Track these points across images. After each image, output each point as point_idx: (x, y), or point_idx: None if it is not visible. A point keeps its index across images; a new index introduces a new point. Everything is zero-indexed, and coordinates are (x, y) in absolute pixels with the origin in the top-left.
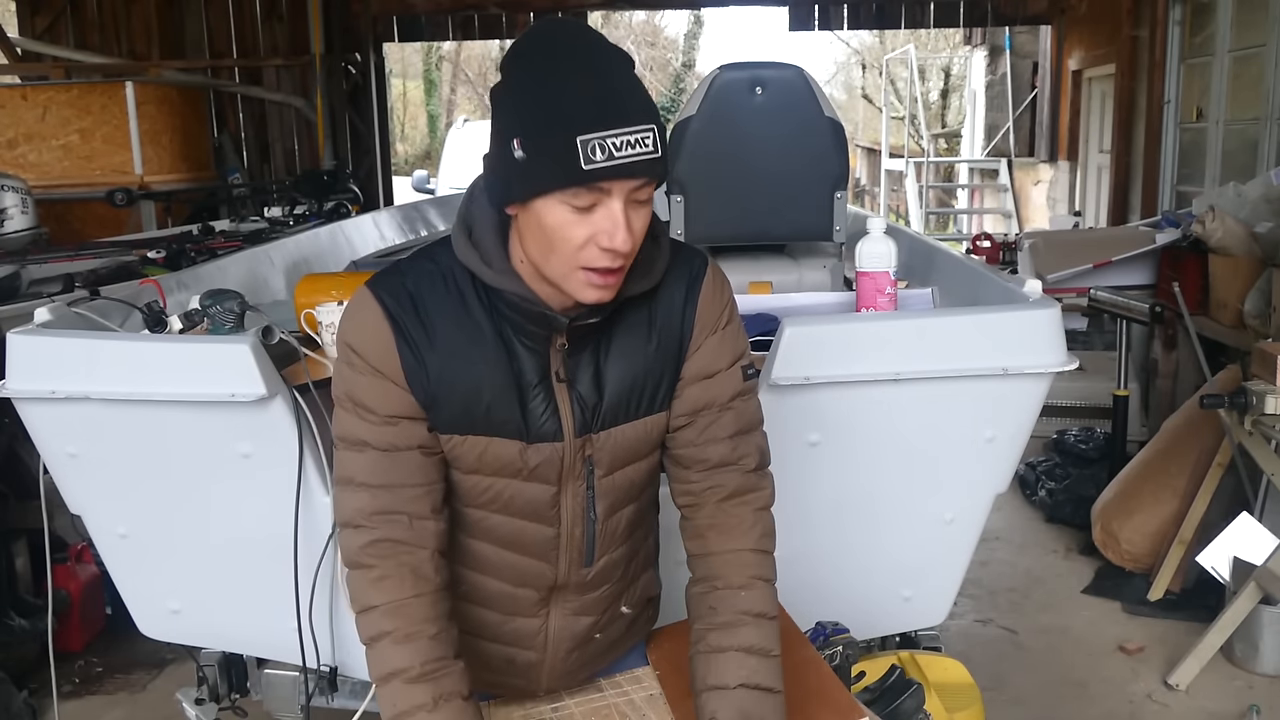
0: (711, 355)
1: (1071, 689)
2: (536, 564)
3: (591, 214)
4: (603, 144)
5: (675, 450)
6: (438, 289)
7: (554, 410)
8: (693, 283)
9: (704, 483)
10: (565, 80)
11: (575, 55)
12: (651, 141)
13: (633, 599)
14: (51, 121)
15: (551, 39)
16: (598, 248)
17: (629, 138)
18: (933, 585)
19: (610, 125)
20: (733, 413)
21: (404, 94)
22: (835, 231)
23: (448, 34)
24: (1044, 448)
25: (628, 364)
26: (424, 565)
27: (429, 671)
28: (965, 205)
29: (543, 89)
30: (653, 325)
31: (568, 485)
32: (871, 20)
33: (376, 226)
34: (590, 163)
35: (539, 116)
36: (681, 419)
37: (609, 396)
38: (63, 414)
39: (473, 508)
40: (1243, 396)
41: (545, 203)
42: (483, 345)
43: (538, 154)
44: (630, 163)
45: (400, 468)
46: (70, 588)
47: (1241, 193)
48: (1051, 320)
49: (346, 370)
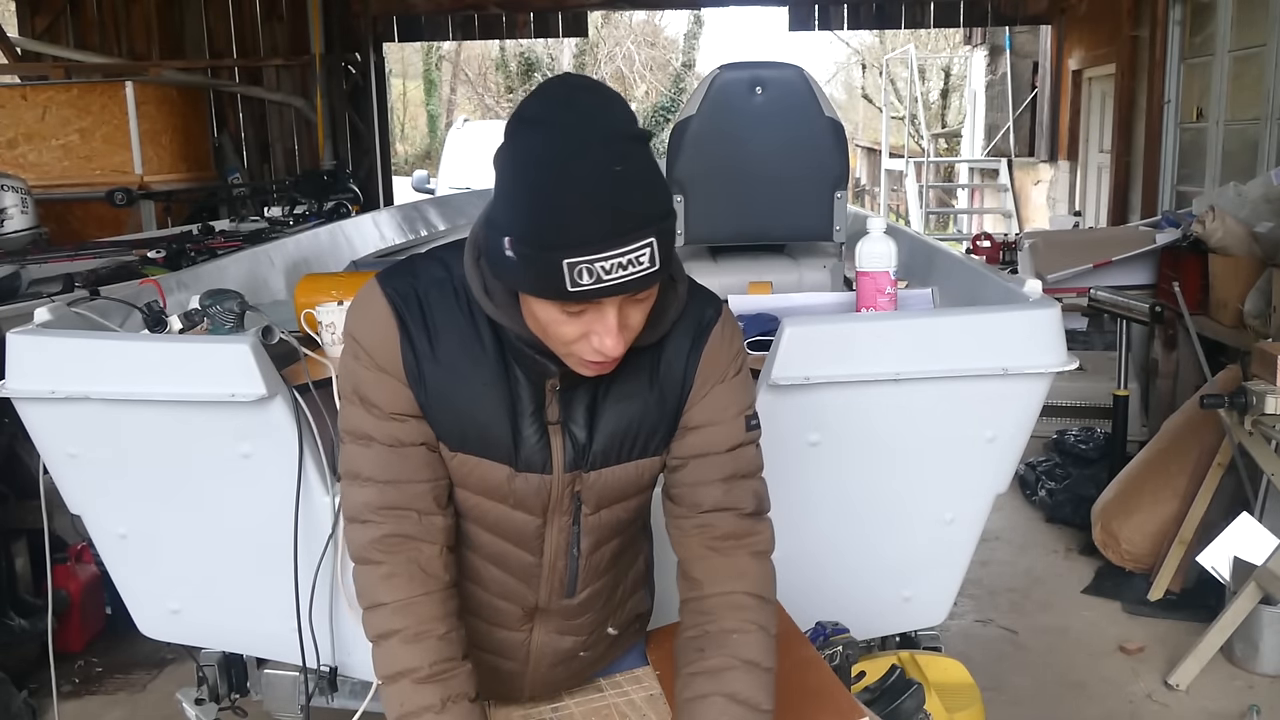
0: (716, 405)
1: (1071, 689)
2: (519, 585)
3: (583, 316)
4: (590, 268)
5: (670, 489)
6: (447, 299)
7: (545, 443)
8: (701, 333)
9: (694, 523)
10: (559, 189)
11: (579, 152)
12: (648, 257)
13: (620, 621)
14: (51, 121)
15: (559, 124)
16: (589, 345)
17: (621, 259)
18: (933, 585)
19: (601, 248)
20: (730, 458)
21: (404, 94)
22: (835, 231)
23: (448, 34)
24: (1044, 448)
25: (625, 407)
26: (433, 562)
27: (438, 673)
28: (965, 205)
29: (536, 195)
30: (655, 371)
31: (553, 519)
32: (871, 20)
33: (376, 226)
34: (576, 285)
35: (529, 227)
36: (677, 461)
37: (602, 439)
38: (63, 414)
39: (462, 519)
40: (1243, 396)
41: (538, 303)
42: (484, 366)
43: (526, 264)
44: (621, 283)
45: (407, 463)
46: (70, 588)
47: (1241, 193)
48: (1051, 320)
49: (352, 363)
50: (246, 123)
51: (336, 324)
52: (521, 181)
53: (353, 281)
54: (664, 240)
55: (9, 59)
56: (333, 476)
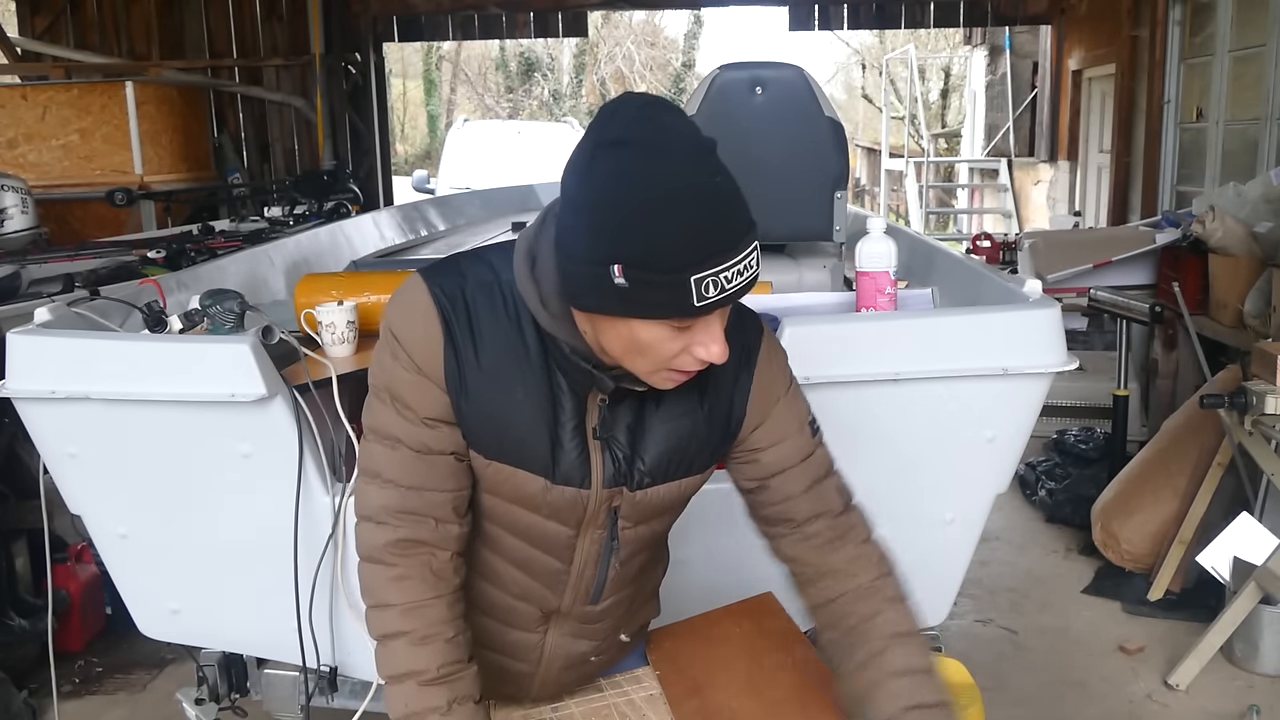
0: (780, 424)
1: (1071, 689)
2: (542, 589)
3: (689, 331)
4: (716, 280)
5: (759, 511)
6: (495, 305)
7: (585, 458)
8: (747, 356)
9: (795, 536)
10: (672, 209)
11: (678, 170)
12: (755, 261)
13: (632, 629)
14: (51, 121)
15: (648, 145)
16: (692, 356)
17: (738, 267)
18: (933, 585)
19: (724, 259)
20: (805, 468)
21: (404, 94)
22: (835, 231)
23: (448, 34)
24: (1044, 448)
25: (673, 428)
26: (444, 567)
27: (444, 675)
28: (965, 205)
29: (648, 218)
30: (704, 391)
31: (588, 531)
32: (871, 20)
33: (376, 226)
34: (703, 299)
35: (646, 250)
36: (755, 483)
37: (649, 459)
38: (63, 414)
39: (489, 522)
40: (1243, 396)
41: (644, 324)
42: (527, 375)
43: (645, 287)
44: (738, 290)
45: (432, 470)
46: (70, 588)
47: (1241, 193)
48: (1051, 320)
49: (389, 361)
50: (246, 123)
51: (336, 324)
52: (623, 207)
53: (353, 281)
54: (759, 243)
55: (9, 59)
56: (333, 476)
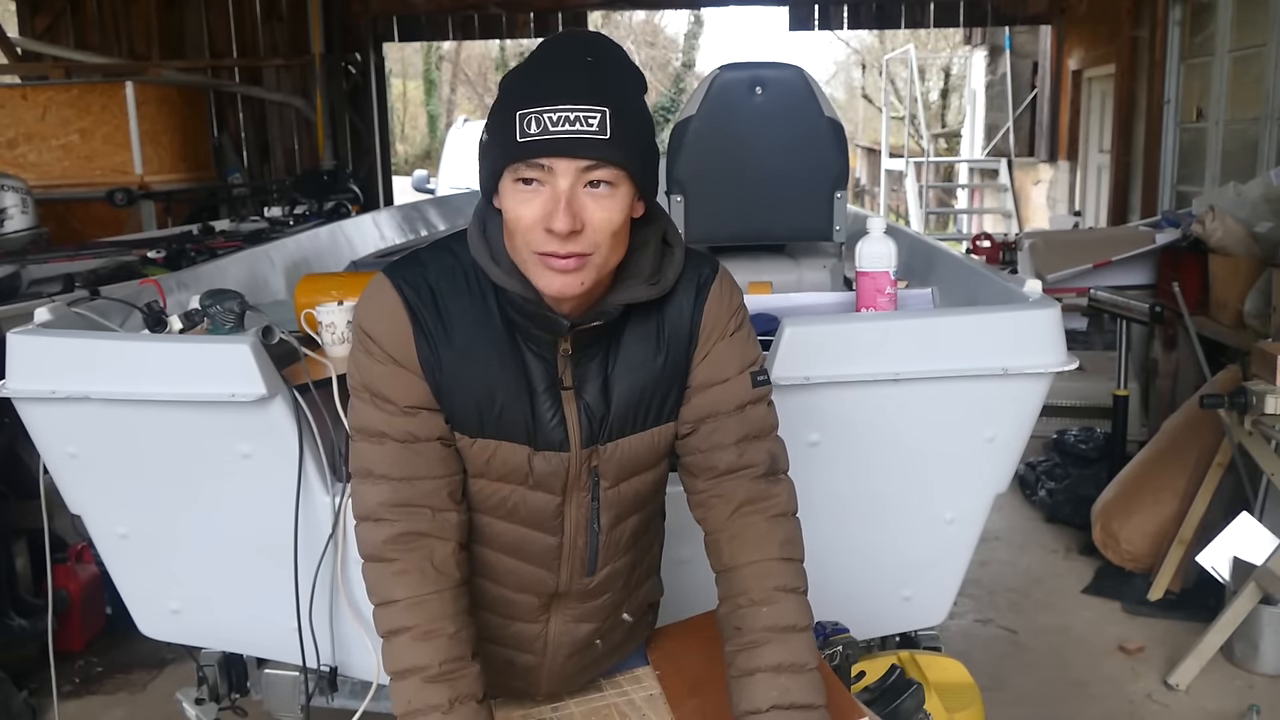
0: (719, 361)
1: (1071, 689)
2: (538, 571)
3: (539, 194)
4: (538, 118)
5: (684, 458)
6: (458, 285)
7: (561, 419)
8: (700, 289)
9: (712, 491)
10: (529, 65)
11: (553, 45)
12: (598, 123)
13: (634, 606)
14: (51, 121)
15: (552, 39)
16: (543, 230)
17: (568, 114)
18: (933, 585)
19: (550, 101)
20: (739, 418)
21: (404, 94)
22: (835, 231)
23: (448, 34)
24: (1044, 448)
25: (636, 375)
26: (446, 559)
27: (447, 672)
28: (965, 205)
29: (508, 76)
30: (661, 335)
31: (572, 495)
32: (871, 20)
33: (376, 226)
34: (525, 135)
35: (498, 99)
36: (687, 426)
37: (616, 408)
38: (63, 414)
39: (477, 513)
40: (1243, 396)
41: (502, 185)
42: (499, 347)
43: (491, 134)
44: (566, 138)
45: (420, 459)
46: (70, 588)
47: (1241, 193)
48: (1051, 320)
49: (364, 358)
50: (246, 123)
51: (336, 324)
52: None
53: (353, 281)
54: (621, 120)
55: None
56: (333, 476)
